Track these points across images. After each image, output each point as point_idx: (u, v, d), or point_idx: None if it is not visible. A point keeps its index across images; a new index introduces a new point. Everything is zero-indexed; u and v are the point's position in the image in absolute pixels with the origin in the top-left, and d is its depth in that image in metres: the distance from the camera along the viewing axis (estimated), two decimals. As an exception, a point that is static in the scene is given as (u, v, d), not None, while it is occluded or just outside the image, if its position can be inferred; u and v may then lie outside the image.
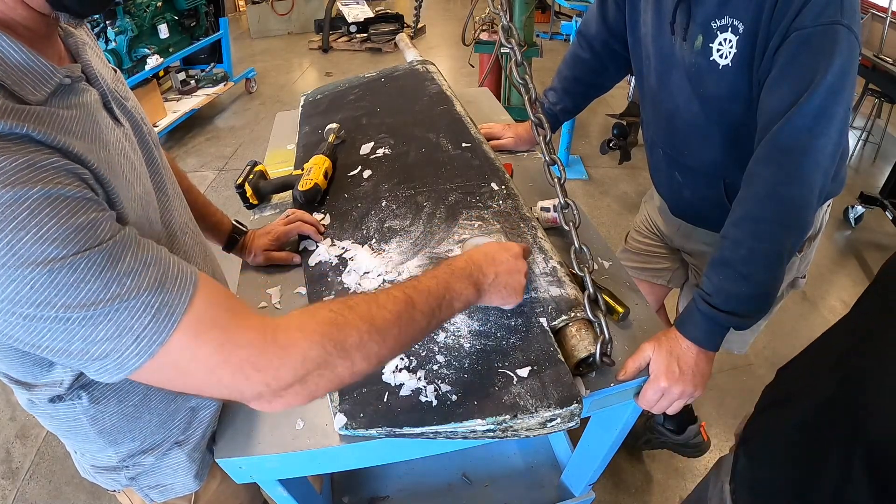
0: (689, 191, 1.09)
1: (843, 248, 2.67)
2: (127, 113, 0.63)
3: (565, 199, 0.90)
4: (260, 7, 6.26)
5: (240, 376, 0.47)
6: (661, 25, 0.93)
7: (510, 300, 0.72)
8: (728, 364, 1.99)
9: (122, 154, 0.56)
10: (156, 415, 0.69)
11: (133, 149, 0.60)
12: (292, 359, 0.48)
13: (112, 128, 0.57)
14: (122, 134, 0.59)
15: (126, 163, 0.57)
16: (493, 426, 0.67)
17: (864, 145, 3.51)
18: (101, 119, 0.55)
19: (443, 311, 0.61)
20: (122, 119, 0.61)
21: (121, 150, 0.56)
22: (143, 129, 0.67)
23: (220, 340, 0.46)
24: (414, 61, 1.58)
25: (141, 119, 0.67)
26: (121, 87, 0.65)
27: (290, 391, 0.49)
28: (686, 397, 0.77)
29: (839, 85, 0.72)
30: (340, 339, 0.51)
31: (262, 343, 0.48)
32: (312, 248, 0.98)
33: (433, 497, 1.27)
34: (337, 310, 0.53)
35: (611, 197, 3.02)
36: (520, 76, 0.97)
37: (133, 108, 0.65)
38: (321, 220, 1.05)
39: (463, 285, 0.64)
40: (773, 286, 0.77)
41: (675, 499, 1.59)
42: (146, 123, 0.68)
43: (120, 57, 3.37)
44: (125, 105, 0.64)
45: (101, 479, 0.76)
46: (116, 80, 0.66)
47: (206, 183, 3.32)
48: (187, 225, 0.75)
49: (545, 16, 5.49)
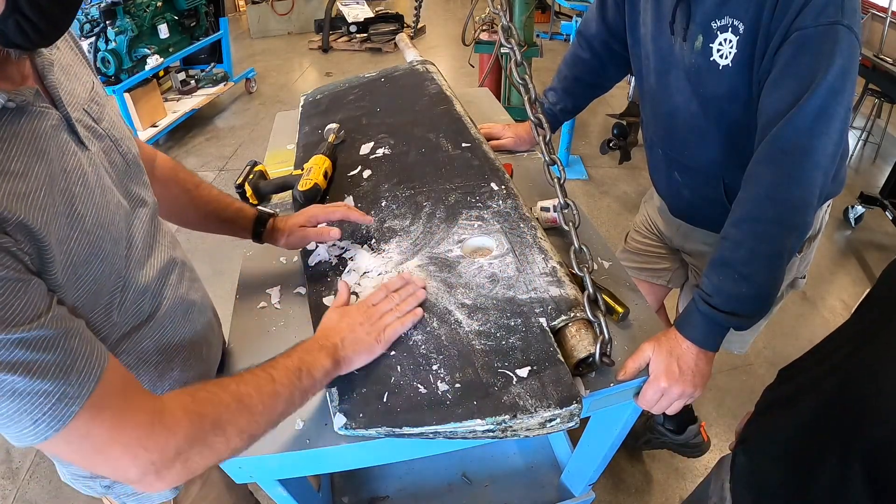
0: (688, 191, 1.09)
1: (843, 248, 2.67)
2: (97, 136, 0.61)
3: (565, 199, 0.90)
4: (260, 7, 6.26)
5: (128, 456, 0.50)
6: (661, 25, 0.93)
7: (371, 353, 0.73)
8: (728, 364, 1.99)
9: (79, 181, 0.54)
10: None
11: (98, 173, 0.58)
12: (177, 438, 0.52)
13: (73, 152, 0.55)
14: (86, 158, 0.57)
15: (81, 190, 0.55)
16: (492, 426, 0.67)
17: (864, 145, 3.51)
18: (59, 143, 0.54)
19: (303, 381, 0.65)
20: (88, 142, 0.58)
21: (80, 176, 0.55)
22: (119, 149, 0.65)
23: (112, 423, 0.49)
24: (414, 61, 1.58)
25: (116, 140, 0.65)
26: (94, 107, 0.63)
27: (173, 470, 0.52)
28: (686, 397, 0.77)
29: (839, 85, 0.72)
30: (216, 418, 0.55)
31: (150, 424, 0.50)
32: (312, 248, 0.98)
33: (433, 497, 1.27)
34: (212, 391, 0.57)
35: (611, 197, 3.02)
36: (520, 76, 0.97)
37: (108, 129, 0.63)
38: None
39: (314, 357, 0.68)
40: (773, 287, 0.77)
41: (675, 499, 1.59)
42: (124, 143, 0.66)
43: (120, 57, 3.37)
44: (95, 127, 0.61)
45: (78, 485, 0.77)
46: (92, 99, 0.63)
47: (206, 183, 3.32)
48: (160, 242, 0.72)
49: (545, 16, 5.49)
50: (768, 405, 0.73)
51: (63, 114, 0.56)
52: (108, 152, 0.62)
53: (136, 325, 0.65)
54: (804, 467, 0.60)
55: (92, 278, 0.55)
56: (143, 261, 0.66)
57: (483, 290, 0.82)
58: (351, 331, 0.73)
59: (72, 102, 0.58)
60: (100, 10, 3.27)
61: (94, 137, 0.60)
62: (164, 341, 0.69)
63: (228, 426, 0.56)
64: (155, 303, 0.67)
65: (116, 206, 0.60)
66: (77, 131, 0.57)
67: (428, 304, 0.82)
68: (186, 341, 0.73)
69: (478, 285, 0.83)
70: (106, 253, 0.57)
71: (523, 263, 0.85)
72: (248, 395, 0.58)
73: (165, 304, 0.69)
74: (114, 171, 0.63)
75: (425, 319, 0.79)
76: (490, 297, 0.81)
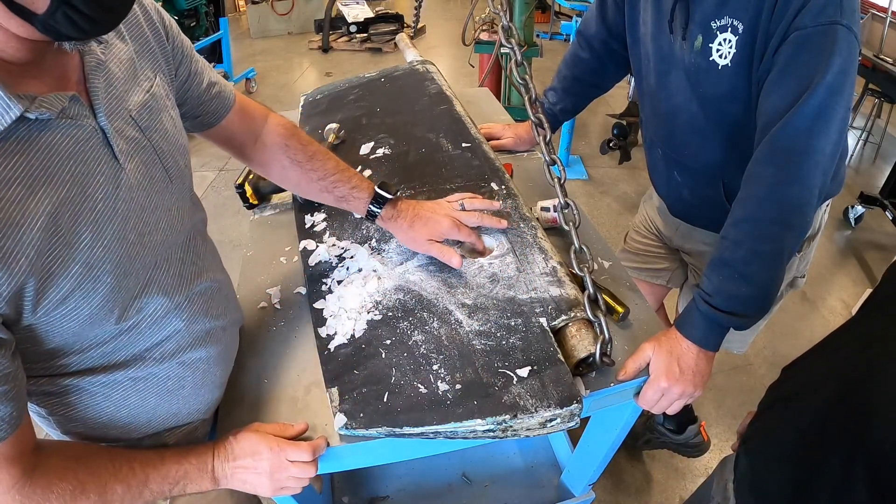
0: (687, 191, 1.09)
1: (843, 248, 2.67)
2: (140, 148, 0.57)
3: (565, 199, 0.91)
4: (260, 7, 6.26)
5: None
6: (661, 25, 0.93)
7: (253, 491, 0.71)
8: (728, 364, 1.99)
9: (103, 202, 0.52)
10: (120, 433, 0.68)
11: (128, 196, 0.55)
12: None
13: (102, 171, 0.52)
14: (118, 179, 0.54)
15: (103, 212, 0.52)
16: (493, 426, 0.67)
17: (864, 145, 3.51)
18: (85, 161, 0.50)
19: (173, 491, 0.65)
20: (124, 158, 0.55)
21: (103, 196, 0.52)
22: (164, 163, 0.61)
23: None
24: (414, 61, 1.58)
25: (162, 153, 0.61)
26: (145, 115, 0.58)
27: None
28: (686, 397, 0.77)
29: (839, 85, 0.72)
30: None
31: (8, 488, 0.52)
32: (312, 249, 0.98)
33: (433, 497, 1.27)
34: (82, 476, 0.57)
35: (611, 197, 3.02)
36: (520, 76, 0.97)
37: (156, 141, 0.60)
38: (321, 220, 1.05)
39: (199, 478, 0.67)
40: (773, 286, 0.77)
41: (676, 499, 1.59)
42: (170, 157, 0.62)
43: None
44: (139, 139, 0.57)
45: None
46: (144, 104, 0.59)
47: (205, 183, 3.32)
48: (190, 258, 0.68)
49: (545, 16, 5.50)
50: (770, 404, 0.73)
51: (100, 125, 0.52)
52: (148, 166, 0.59)
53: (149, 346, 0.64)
54: (806, 468, 0.60)
55: (87, 312, 0.53)
56: (173, 282, 0.63)
57: (483, 289, 0.82)
58: (250, 472, 0.68)
59: (117, 110, 0.55)
60: (100, 10, 3.27)
61: (136, 151, 0.57)
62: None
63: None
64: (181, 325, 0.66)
65: (141, 234, 0.57)
66: (113, 145, 0.53)
67: (428, 304, 0.82)
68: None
69: (478, 285, 0.83)
70: (109, 288, 0.54)
71: (523, 263, 0.85)
72: (112, 492, 0.59)
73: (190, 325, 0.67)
74: (153, 189, 0.59)
75: (425, 319, 0.80)
76: (490, 297, 0.81)
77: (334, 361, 0.79)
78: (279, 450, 0.68)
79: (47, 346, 0.54)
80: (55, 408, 0.62)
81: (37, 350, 0.54)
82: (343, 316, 0.84)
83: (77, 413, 0.63)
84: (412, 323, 0.80)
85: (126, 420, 0.66)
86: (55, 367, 0.57)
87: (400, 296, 0.84)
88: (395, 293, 0.85)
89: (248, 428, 0.71)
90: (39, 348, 0.54)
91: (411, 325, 0.79)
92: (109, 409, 0.64)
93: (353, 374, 0.75)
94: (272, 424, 0.72)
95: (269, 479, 0.68)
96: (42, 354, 0.55)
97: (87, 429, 0.65)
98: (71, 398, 0.61)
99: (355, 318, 0.83)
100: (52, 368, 0.57)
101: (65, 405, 0.61)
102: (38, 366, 0.56)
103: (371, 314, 0.83)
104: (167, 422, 0.70)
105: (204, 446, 0.69)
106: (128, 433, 0.68)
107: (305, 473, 0.69)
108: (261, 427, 0.71)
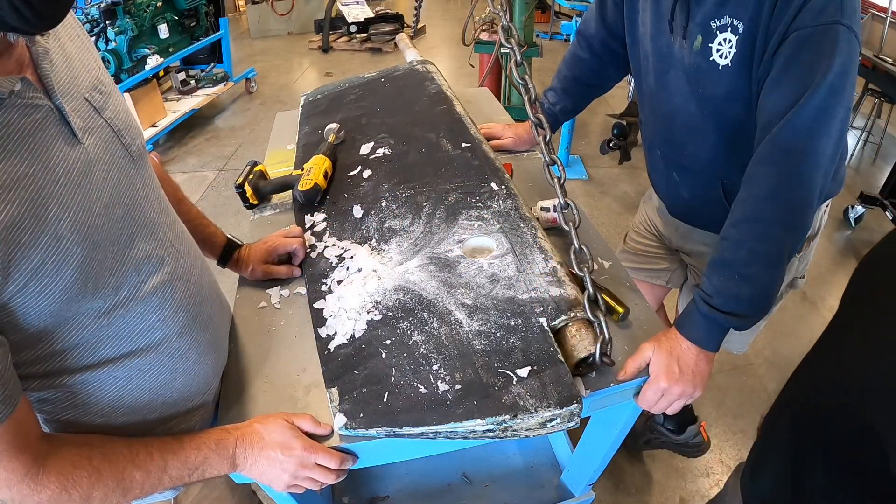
0: (687, 191, 1.09)
1: (843, 249, 2.67)
2: (97, 126, 0.59)
3: (565, 199, 0.90)
4: (260, 7, 6.26)
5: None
6: (660, 25, 0.93)
7: (268, 483, 0.71)
8: (728, 364, 1.99)
9: (61, 180, 0.53)
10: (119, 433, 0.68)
11: (89, 170, 0.57)
12: (40, 496, 0.54)
13: (61, 147, 0.54)
14: (78, 153, 0.56)
15: (67, 185, 0.54)
16: (492, 426, 0.67)
17: (864, 145, 3.51)
18: (45, 138, 0.52)
19: (192, 478, 0.66)
20: (83, 135, 0.57)
21: (65, 170, 0.54)
22: (122, 140, 0.63)
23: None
24: (414, 61, 1.58)
25: (119, 130, 0.63)
26: (97, 96, 0.61)
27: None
28: (686, 397, 0.77)
29: (839, 85, 0.72)
30: (88, 492, 0.56)
31: (21, 477, 0.52)
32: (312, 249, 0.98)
33: (433, 497, 1.27)
34: (97, 463, 0.58)
35: (611, 197, 3.02)
36: (520, 76, 0.97)
37: (111, 119, 0.62)
38: (321, 220, 1.05)
39: (219, 463, 0.67)
40: (773, 287, 0.77)
41: (676, 499, 1.59)
42: (127, 134, 0.64)
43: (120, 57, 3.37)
44: (96, 117, 0.59)
45: None
46: (95, 87, 0.61)
47: (206, 183, 3.32)
48: (167, 238, 0.69)
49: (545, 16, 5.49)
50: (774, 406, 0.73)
51: (56, 104, 0.54)
52: (107, 143, 0.61)
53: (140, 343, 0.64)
54: (790, 478, 0.60)
55: (61, 286, 0.54)
56: (147, 262, 0.64)
57: (483, 290, 0.82)
58: (275, 464, 0.69)
59: (70, 91, 0.56)
60: (100, 10, 3.28)
61: (93, 128, 0.59)
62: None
63: (95, 501, 0.57)
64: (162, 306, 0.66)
65: (106, 206, 0.58)
66: (71, 122, 0.55)
67: (428, 304, 0.82)
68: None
69: (478, 285, 0.83)
70: (80, 260, 0.55)
71: (523, 263, 0.85)
72: (130, 479, 0.59)
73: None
74: (114, 164, 0.61)
75: (425, 319, 0.80)
76: (490, 297, 0.81)
77: (334, 361, 0.79)
78: (312, 451, 0.69)
79: (29, 330, 0.54)
80: (51, 414, 0.62)
81: (19, 339, 0.54)
82: (343, 316, 0.84)
83: (71, 417, 0.62)
84: (412, 323, 0.80)
85: (124, 420, 0.66)
86: (42, 358, 0.57)
87: (400, 296, 0.84)
88: (395, 293, 0.85)
89: (277, 416, 0.71)
90: (21, 335, 0.53)
91: (411, 325, 0.79)
92: (105, 411, 0.64)
93: (353, 374, 0.75)
94: (301, 416, 0.72)
95: (290, 476, 0.69)
96: (26, 342, 0.55)
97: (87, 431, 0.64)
98: (65, 402, 0.61)
99: (355, 318, 0.83)
100: (39, 363, 0.57)
101: (59, 410, 0.61)
102: (26, 356, 0.56)
103: (371, 314, 0.83)
104: (164, 414, 0.71)
105: (221, 430, 0.70)
106: (127, 433, 0.67)
107: (325, 479, 0.71)
108: (289, 417, 0.72)
